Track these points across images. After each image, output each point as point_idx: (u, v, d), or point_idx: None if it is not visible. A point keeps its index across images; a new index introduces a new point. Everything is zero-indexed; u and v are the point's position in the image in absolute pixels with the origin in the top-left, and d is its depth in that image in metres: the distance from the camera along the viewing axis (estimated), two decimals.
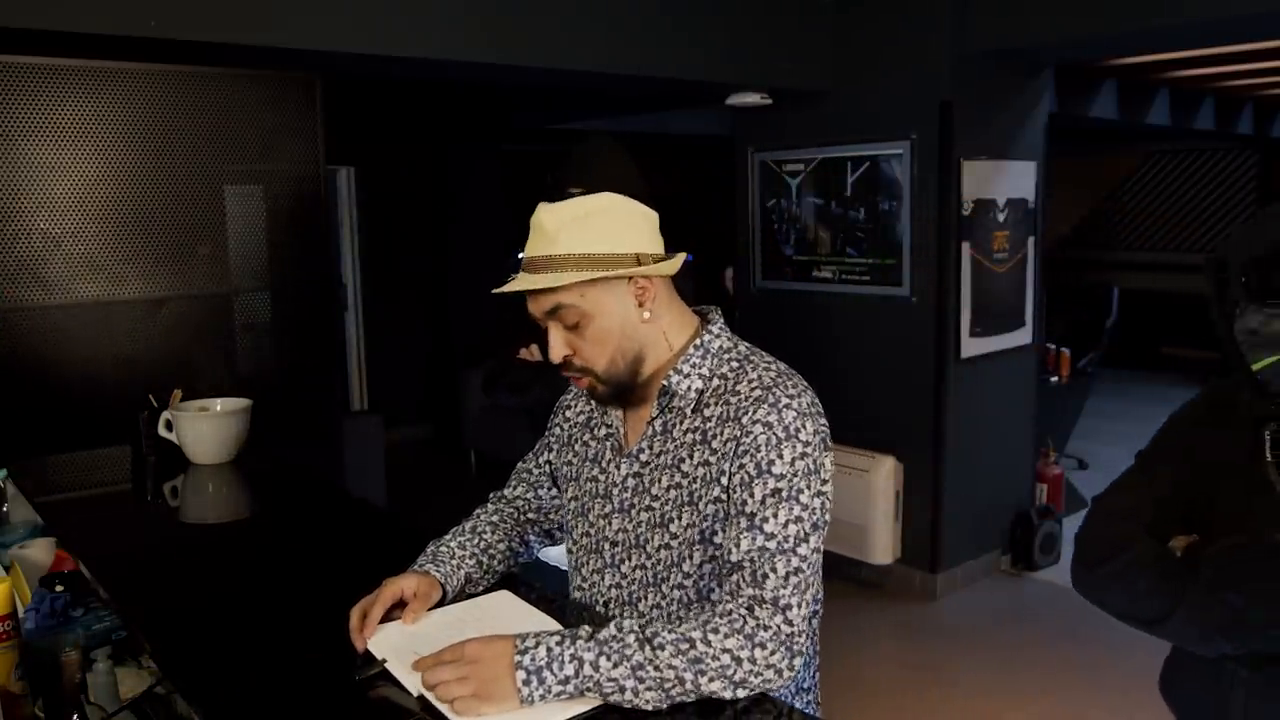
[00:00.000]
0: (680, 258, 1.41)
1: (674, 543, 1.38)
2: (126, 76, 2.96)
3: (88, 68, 2.90)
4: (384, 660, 1.28)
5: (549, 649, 1.19)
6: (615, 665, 1.18)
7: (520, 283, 1.35)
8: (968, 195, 4.26)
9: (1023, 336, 4.66)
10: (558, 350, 1.39)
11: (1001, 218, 4.45)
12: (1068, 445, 5.96)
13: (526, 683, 1.17)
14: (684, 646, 1.19)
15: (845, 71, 4.48)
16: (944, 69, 4.17)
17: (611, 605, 1.46)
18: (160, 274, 3.08)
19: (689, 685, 1.19)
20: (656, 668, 1.18)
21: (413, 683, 1.23)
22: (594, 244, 1.33)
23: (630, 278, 1.36)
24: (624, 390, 1.41)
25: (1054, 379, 5.54)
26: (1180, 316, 9.97)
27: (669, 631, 1.21)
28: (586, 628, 1.23)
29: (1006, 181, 4.46)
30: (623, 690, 1.18)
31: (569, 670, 1.18)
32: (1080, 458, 6.42)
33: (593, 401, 1.52)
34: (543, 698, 1.18)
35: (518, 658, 1.19)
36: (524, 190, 7.60)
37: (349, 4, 3.09)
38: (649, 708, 1.19)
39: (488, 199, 7.56)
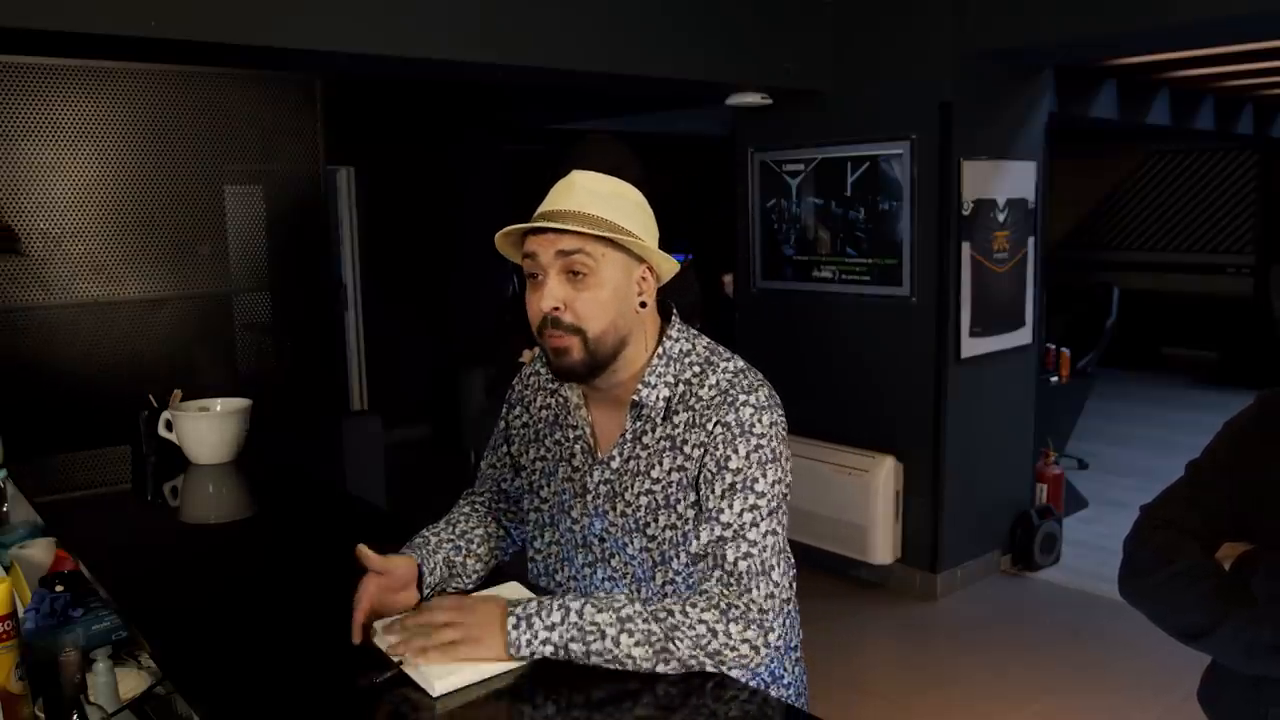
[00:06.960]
0: (675, 264, 1.45)
1: (652, 545, 1.43)
2: (126, 76, 2.96)
3: (88, 68, 2.90)
4: (399, 661, 1.28)
5: (539, 601, 1.30)
6: (600, 612, 1.27)
7: (561, 218, 1.35)
8: (968, 195, 4.26)
9: (1023, 336, 4.66)
10: (553, 297, 1.37)
11: (1001, 218, 4.45)
12: (1068, 445, 5.96)
13: (516, 626, 1.26)
14: (661, 615, 1.28)
15: (845, 71, 4.48)
16: (944, 69, 4.16)
17: None
18: (160, 274, 3.08)
19: (670, 647, 1.25)
20: (644, 620, 1.26)
21: (430, 683, 1.23)
22: (628, 220, 1.39)
23: (643, 264, 1.42)
24: (597, 368, 1.41)
25: (1054, 379, 5.54)
26: (1180, 316, 9.98)
27: (648, 604, 1.30)
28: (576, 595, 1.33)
29: (1006, 181, 4.46)
30: (604, 635, 1.25)
31: (555, 617, 1.27)
32: (1080, 458, 6.43)
33: (553, 383, 1.54)
34: (529, 643, 1.25)
35: (510, 607, 1.29)
36: (526, 190, 7.61)
37: (349, 4, 3.09)
38: (630, 666, 1.25)
39: (489, 199, 7.56)
